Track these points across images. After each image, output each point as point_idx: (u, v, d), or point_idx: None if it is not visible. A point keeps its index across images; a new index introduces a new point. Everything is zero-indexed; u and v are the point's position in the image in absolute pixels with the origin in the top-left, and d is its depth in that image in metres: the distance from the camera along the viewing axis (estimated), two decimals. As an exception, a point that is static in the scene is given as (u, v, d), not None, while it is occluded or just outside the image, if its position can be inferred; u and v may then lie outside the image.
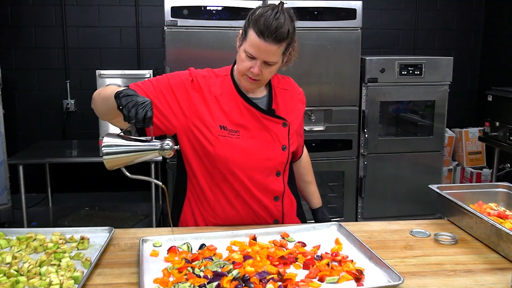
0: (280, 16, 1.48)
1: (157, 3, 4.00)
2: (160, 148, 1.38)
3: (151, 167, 3.39)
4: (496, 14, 4.45)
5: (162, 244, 1.45)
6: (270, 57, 1.52)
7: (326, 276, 1.25)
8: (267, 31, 1.46)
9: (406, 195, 3.66)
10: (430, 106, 3.71)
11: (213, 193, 1.64)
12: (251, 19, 1.51)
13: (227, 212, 1.64)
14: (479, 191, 1.80)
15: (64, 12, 4.04)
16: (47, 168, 3.90)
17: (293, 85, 1.79)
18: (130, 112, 1.30)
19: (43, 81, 4.11)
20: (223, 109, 1.61)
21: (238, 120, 1.61)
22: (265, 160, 1.63)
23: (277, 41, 1.48)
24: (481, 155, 4.44)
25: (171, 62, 3.19)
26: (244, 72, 1.57)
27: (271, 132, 1.64)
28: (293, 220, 1.75)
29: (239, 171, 1.60)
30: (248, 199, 1.63)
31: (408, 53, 4.46)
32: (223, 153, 1.59)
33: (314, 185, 1.91)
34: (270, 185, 1.65)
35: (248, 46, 1.52)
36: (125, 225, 3.42)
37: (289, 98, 1.73)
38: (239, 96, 1.63)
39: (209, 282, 1.19)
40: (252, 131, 1.62)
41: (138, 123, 1.30)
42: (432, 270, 1.33)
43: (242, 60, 1.56)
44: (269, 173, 1.65)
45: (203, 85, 1.62)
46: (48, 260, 1.32)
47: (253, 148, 1.61)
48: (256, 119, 1.63)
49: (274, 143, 1.65)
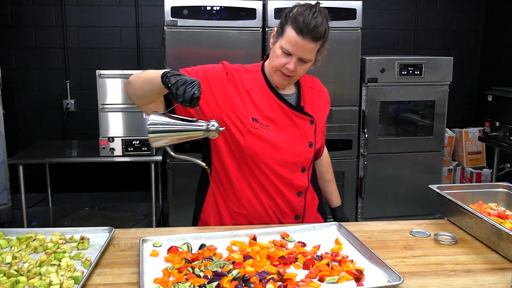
0: (318, 15, 1.53)
1: (157, 3, 4.00)
2: (205, 128, 1.38)
3: (151, 166, 3.39)
4: (496, 14, 4.46)
5: (162, 244, 1.45)
6: (306, 54, 1.56)
7: (326, 276, 1.25)
8: (306, 29, 1.51)
9: (406, 195, 3.66)
10: (430, 106, 3.71)
11: (239, 183, 1.66)
12: (288, 16, 1.55)
13: (252, 204, 1.67)
14: (479, 191, 1.80)
15: (64, 12, 4.04)
16: (47, 168, 3.90)
17: (319, 85, 1.84)
18: (179, 90, 1.32)
19: (43, 81, 4.11)
20: (254, 103, 1.64)
21: (268, 115, 1.64)
22: (292, 156, 1.67)
23: (315, 39, 1.53)
24: (481, 155, 4.44)
25: (171, 62, 3.19)
26: (278, 68, 1.60)
27: (300, 128, 1.68)
28: (314, 215, 1.78)
29: (266, 164, 1.64)
30: (272, 192, 1.66)
31: (408, 53, 4.46)
32: (253, 145, 1.62)
33: (334, 184, 1.95)
34: (294, 181, 1.68)
35: (286, 42, 1.55)
36: (125, 225, 3.42)
37: (316, 96, 1.78)
38: (270, 91, 1.67)
39: (209, 282, 1.19)
40: (281, 126, 1.65)
41: (185, 102, 1.32)
42: (432, 270, 1.33)
43: (278, 56, 1.59)
44: (295, 168, 1.68)
45: (237, 78, 1.66)
46: (48, 260, 1.32)
47: (281, 142, 1.65)
48: (286, 114, 1.66)
49: (302, 139, 1.68)
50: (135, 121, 3.32)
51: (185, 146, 3.26)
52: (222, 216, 1.70)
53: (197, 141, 1.54)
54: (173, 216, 3.38)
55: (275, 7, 3.22)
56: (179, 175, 3.33)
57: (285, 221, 1.70)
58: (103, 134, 3.30)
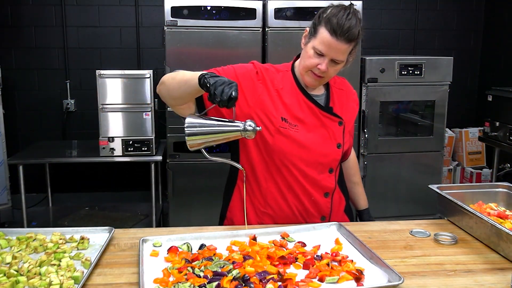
0: (352, 17, 1.53)
1: (157, 3, 4.00)
2: (243, 129, 1.39)
3: (151, 166, 3.39)
4: (496, 14, 4.46)
5: (162, 244, 1.45)
6: (339, 55, 1.56)
7: (326, 276, 1.25)
8: (340, 30, 1.51)
9: (406, 195, 3.66)
10: (430, 106, 3.71)
11: (267, 183, 1.67)
12: (322, 17, 1.56)
13: (278, 203, 1.67)
14: (479, 191, 1.80)
15: (64, 12, 4.04)
16: (47, 168, 3.90)
17: (348, 86, 1.84)
18: (217, 90, 1.33)
19: (43, 81, 4.11)
20: (284, 102, 1.65)
21: (297, 115, 1.65)
22: (320, 156, 1.67)
23: (348, 40, 1.54)
24: (481, 155, 4.44)
25: (171, 62, 3.19)
26: (310, 68, 1.61)
27: (328, 129, 1.68)
28: (340, 216, 1.78)
29: (294, 164, 1.64)
30: (299, 192, 1.67)
31: (408, 53, 4.46)
32: (281, 144, 1.62)
33: (361, 186, 1.95)
34: (322, 181, 1.68)
35: (319, 43, 1.55)
36: (125, 225, 3.42)
37: (345, 98, 1.78)
38: (300, 91, 1.67)
39: (209, 282, 1.19)
40: (310, 126, 1.65)
41: (223, 103, 1.33)
42: (432, 270, 1.33)
43: (310, 56, 1.59)
44: (323, 169, 1.69)
45: (267, 77, 1.66)
46: (48, 260, 1.32)
47: (310, 143, 1.65)
48: (315, 115, 1.67)
49: (330, 140, 1.68)
50: (135, 121, 3.33)
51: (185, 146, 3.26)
52: (248, 215, 1.71)
53: None
54: (173, 216, 3.38)
55: (275, 7, 3.22)
56: (179, 175, 3.33)
57: (310, 222, 1.69)
58: (103, 134, 3.30)
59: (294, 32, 3.23)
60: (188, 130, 1.39)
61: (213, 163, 3.43)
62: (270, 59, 3.18)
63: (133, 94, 3.31)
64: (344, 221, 1.75)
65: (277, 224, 1.67)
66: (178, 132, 3.23)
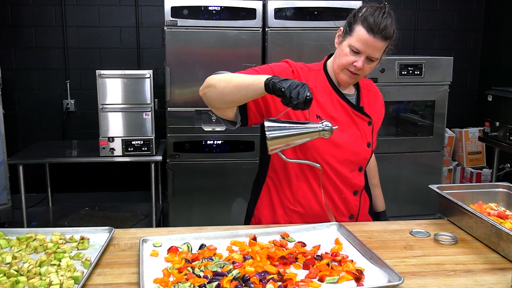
0: (387, 16, 1.57)
1: (157, 3, 4.00)
2: (321, 129, 1.41)
3: (151, 166, 3.39)
4: (496, 14, 4.46)
5: (162, 244, 1.45)
6: (375, 52, 1.59)
7: (326, 276, 1.25)
8: (377, 28, 1.54)
9: (406, 195, 3.66)
10: (430, 106, 3.71)
11: (298, 180, 1.68)
12: (358, 16, 1.59)
13: (309, 200, 1.69)
14: (479, 191, 1.80)
15: (64, 12, 4.04)
16: (47, 168, 3.90)
17: (375, 88, 1.88)
18: (293, 93, 1.34)
19: (43, 81, 4.11)
20: (318, 101, 1.66)
21: (331, 113, 1.67)
22: (352, 154, 1.69)
23: (385, 38, 1.57)
24: (481, 155, 4.44)
25: (171, 62, 3.20)
26: (345, 66, 1.63)
27: (359, 128, 1.71)
28: (366, 217, 1.81)
29: (326, 161, 1.65)
30: (331, 190, 1.69)
31: (408, 53, 4.46)
32: (315, 142, 1.62)
33: (379, 189, 1.98)
34: (352, 179, 1.71)
35: (355, 41, 1.58)
36: (125, 225, 3.42)
37: (373, 99, 1.81)
38: (333, 90, 1.70)
39: (209, 282, 1.19)
40: (342, 125, 1.67)
41: (299, 105, 1.34)
42: (432, 270, 1.33)
43: (346, 54, 1.61)
44: (354, 167, 1.71)
45: (302, 75, 1.68)
46: (48, 260, 1.32)
47: (342, 140, 1.67)
48: (347, 113, 1.69)
49: (361, 139, 1.71)
50: (135, 121, 3.32)
51: (185, 146, 3.26)
52: (276, 213, 1.72)
53: None
54: (173, 216, 3.38)
55: (275, 7, 3.21)
56: (179, 175, 3.33)
57: (339, 220, 1.68)
58: (103, 134, 3.30)
59: (294, 32, 3.23)
60: (271, 134, 1.41)
61: (213, 163, 3.44)
62: (270, 59, 3.18)
63: (133, 94, 3.30)
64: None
65: (277, 224, 1.67)
66: (178, 132, 3.23)
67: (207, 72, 1.66)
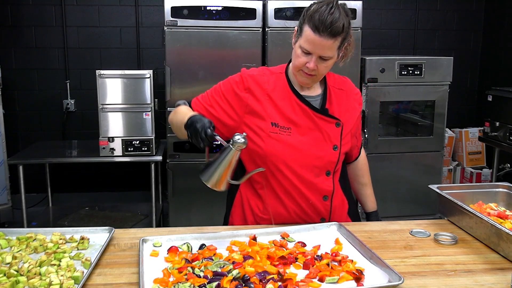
0: (335, 11, 1.50)
1: (157, 3, 4.00)
2: (233, 147, 1.44)
3: (151, 166, 3.39)
4: (496, 14, 4.45)
5: (162, 244, 1.45)
6: (325, 51, 1.55)
7: (326, 276, 1.25)
8: (322, 26, 1.49)
9: (406, 195, 3.66)
10: (430, 106, 3.71)
11: (263, 188, 1.67)
12: (306, 15, 1.55)
13: (276, 208, 1.67)
14: (479, 191, 1.80)
15: (64, 12, 4.04)
16: (47, 168, 3.90)
17: (350, 85, 1.81)
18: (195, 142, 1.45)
19: (43, 81, 4.11)
20: (276, 105, 1.65)
21: (290, 117, 1.64)
22: (314, 158, 1.65)
23: (332, 35, 1.51)
24: (481, 155, 4.44)
25: (171, 62, 3.20)
26: (300, 68, 1.60)
27: (323, 131, 1.65)
28: (342, 219, 1.74)
29: (288, 168, 1.63)
30: (296, 196, 1.65)
31: (408, 53, 4.46)
32: (273, 149, 1.62)
33: (370, 188, 1.92)
34: (319, 184, 1.66)
35: (304, 41, 1.55)
36: (125, 225, 3.42)
37: (344, 98, 1.74)
38: (292, 93, 1.66)
39: (209, 282, 1.19)
40: (303, 129, 1.64)
41: (206, 145, 1.43)
42: (432, 270, 1.33)
43: (298, 55, 1.58)
44: (319, 172, 1.66)
45: (253, 85, 1.66)
46: (48, 260, 1.32)
47: (303, 145, 1.63)
48: (308, 117, 1.65)
49: (325, 142, 1.66)
50: (135, 121, 3.33)
51: (185, 146, 3.26)
52: (246, 219, 1.71)
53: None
54: (173, 216, 3.38)
55: (275, 7, 3.22)
56: (179, 175, 3.33)
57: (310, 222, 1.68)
58: (103, 134, 3.30)
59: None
60: (207, 183, 1.50)
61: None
62: (270, 59, 3.18)
63: (133, 94, 3.31)
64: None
65: (277, 224, 1.67)
66: (178, 132, 3.23)
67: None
